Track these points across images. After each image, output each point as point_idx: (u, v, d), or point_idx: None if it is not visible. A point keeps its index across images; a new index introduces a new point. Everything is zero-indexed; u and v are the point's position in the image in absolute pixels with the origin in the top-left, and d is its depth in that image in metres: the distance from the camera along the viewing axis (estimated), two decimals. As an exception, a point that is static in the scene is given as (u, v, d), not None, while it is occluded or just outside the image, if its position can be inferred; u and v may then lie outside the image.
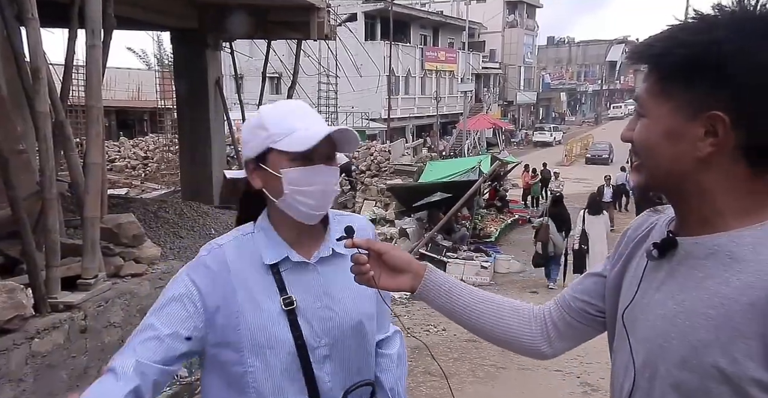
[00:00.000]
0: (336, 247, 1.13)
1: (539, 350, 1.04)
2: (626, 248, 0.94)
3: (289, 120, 1.07)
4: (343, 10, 20.16)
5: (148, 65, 27.35)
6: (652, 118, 0.78)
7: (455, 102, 32.19)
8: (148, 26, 8.88)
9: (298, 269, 1.10)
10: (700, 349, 0.72)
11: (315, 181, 1.06)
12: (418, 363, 4.24)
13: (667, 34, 0.78)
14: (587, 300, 1.00)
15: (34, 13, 3.12)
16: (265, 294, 1.07)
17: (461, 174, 12.11)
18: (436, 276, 1.05)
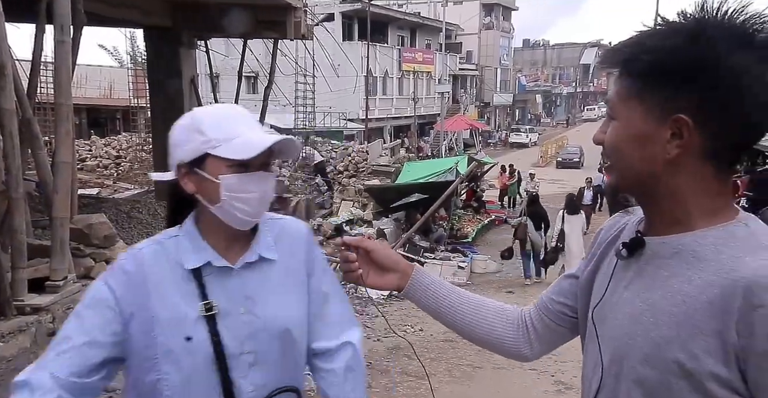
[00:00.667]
0: (264, 252, 1.10)
1: (521, 352, 1.05)
2: (598, 248, 0.96)
3: (229, 125, 1.04)
4: (321, 9, 20.11)
5: (121, 63, 26.79)
6: (623, 121, 0.81)
7: (432, 103, 32.34)
8: (121, 23, 8.71)
9: (221, 274, 1.07)
10: (662, 345, 0.75)
11: (253, 188, 1.04)
12: (395, 364, 4.25)
13: (635, 40, 0.80)
14: (564, 301, 1.01)
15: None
16: (183, 300, 1.04)
17: (438, 175, 12.16)
18: (423, 276, 1.07)
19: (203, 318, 1.03)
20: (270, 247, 1.12)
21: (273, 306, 1.09)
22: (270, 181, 1.08)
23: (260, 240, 1.11)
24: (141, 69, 16.89)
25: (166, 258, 1.06)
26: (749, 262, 0.72)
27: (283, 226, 1.17)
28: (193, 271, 1.06)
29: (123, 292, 1.03)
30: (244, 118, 1.08)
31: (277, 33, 7.96)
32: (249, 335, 1.06)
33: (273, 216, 1.18)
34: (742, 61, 0.73)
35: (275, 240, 1.13)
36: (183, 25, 7.71)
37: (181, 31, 7.75)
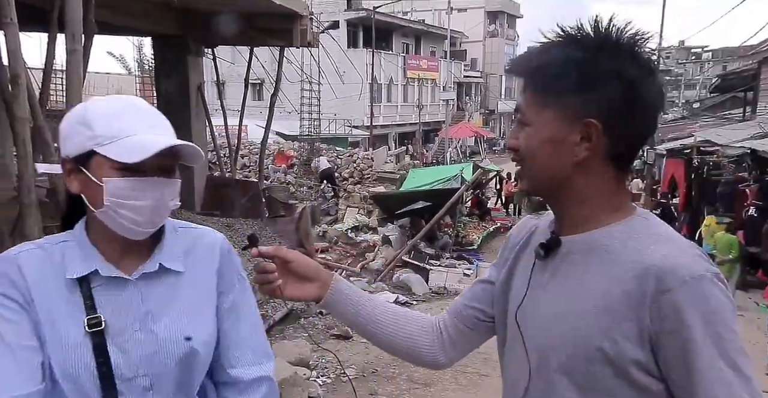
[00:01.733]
0: (167, 262, 0.99)
1: (437, 360, 1.07)
2: (511, 252, 1.00)
3: (121, 121, 0.92)
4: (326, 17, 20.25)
5: (128, 70, 27.04)
6: (534, 127, 0.85)
7: (437, 110, 32.42)
8: (130, 31, 8.79)
9: (113, 286, 0.95)
10: (587, 337, 0.80)
11: (143, 195, 0.92)
12: (401, 370, 4.24)
13: (541, 49, 0.86)
14: (477, 306, 1.03)
15: (13, 17, 3.07)
16: (66, 314, 0.92)
17: (443, 182, 12.17)
18: (342, 285, 1.04)
19: (89, 335, 0.91)
20: (176, 258, 1.00)
21: (175, 324, 0.97)
22: (168, 189, 0.94)
23: (164, 249, 1.00)
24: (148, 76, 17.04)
25: (51, 264, 0.94)
26: (655, 251, 0.78)
27: (196, 236, 1.05)
28: (80, 282, 0.94)
29: (17, 295, 0.92)
30: (141, 113, 0.95)
31: (283, 41, 8.01)
32: (146, 356, 0.94)
33: (187, 225, 1.07)
34: (636, 73, 0.81)
35: (186, 250, 1.02)
36: (190, 34, 7.78)
37: (188, 39, 7.82)
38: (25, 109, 3.29)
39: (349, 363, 4.24)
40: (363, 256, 9.83)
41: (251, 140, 15.33)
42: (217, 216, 7.50)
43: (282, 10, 6.95)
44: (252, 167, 15.46)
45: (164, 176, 0.94)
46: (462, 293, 1.09)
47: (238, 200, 8.33)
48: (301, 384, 3.43)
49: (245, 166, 15.85)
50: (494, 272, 1.02)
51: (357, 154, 17.21)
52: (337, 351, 4.57)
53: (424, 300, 7.68)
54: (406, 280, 8.35)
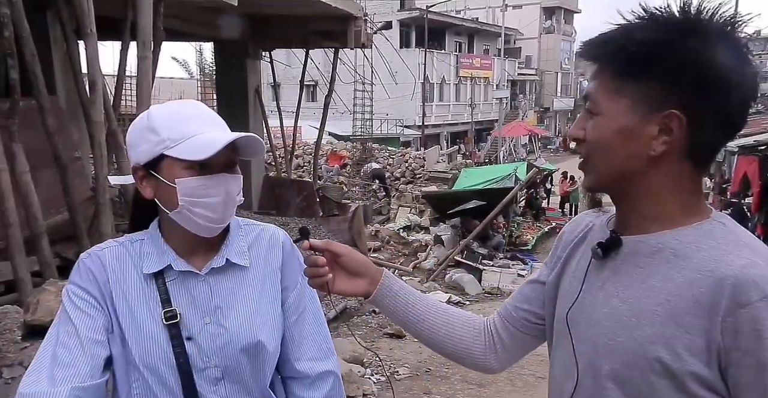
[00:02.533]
0: (233, 257, 1.03)
1: (489, 364, 1.02)
2: (563, 251, 0.94)
3: (184, 123, 0.96)
4: (379, 18, 20.36)
5: (190, 74, 28.16)
6: (606, 116, 0.78)
7: (490, 108, 31.95)
8: (193, 37, 9.18)
9: (185, 280, 1.00)
10: (646, 345, 0.74)
11: (214, 191, 0.95)
12: (454, 371, 4.22)
13: (621, 31, 0.78)
14: (527, 308, 0.98)
15: (92, 28, 3.29)
16: (144, 307, 0.98)
17: (496, 181, 12.01)
18: (392, 282, 1.01)
19: (165, 327, 0.96)
20: (242, 253, 1.04)
21: (243, 317, 1.01)
22: (234, 183, 0.98)
23: (230, 244, 1.04)
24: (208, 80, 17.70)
25: (131, 260, 1.00)
26: (734, 260, 0.71)
27: (260, 233, 1.09)
28: (155, 276, 0.99)
29: (96, 291, 0.98)
30: (202, 115, 0.99)
31: (337, 42, 8.15)
32: (216, 348, 0.99)
33: (250, 222, 1.11)
34: (730, 60, 0.73)
35: (249, 246, 1.06)
36: (249, 38, 8.03)
37: (247, 43, 8.08)
38: (101, 113, 3.52)
39: (402, 362, 4.26)
40: (415, 256, 9.84)
41: (305, 140, 15.64)
42: (273, 215, 7.71)
43: (337, 13, 7.07)
44: (306, 167, 15.77)
45: (229, 172, 0.97)
46: (512, 294, 1.04)
47: (293, 199, 8.53)
48: (356, 381, 3.49)
49: (299, 166, 16.19)
50: (545, 271, 0.97)
51: (409, 153, 17.23)
52: (390, 349, 4.60)
53: (477, 300, 7.60)
54: (458, 280, 8.30)
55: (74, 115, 4.10)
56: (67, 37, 3.55)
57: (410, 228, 11.70)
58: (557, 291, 0.91)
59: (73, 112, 4.10)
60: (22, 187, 3.08)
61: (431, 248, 10.04)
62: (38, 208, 3.14)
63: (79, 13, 3.29)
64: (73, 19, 3.44)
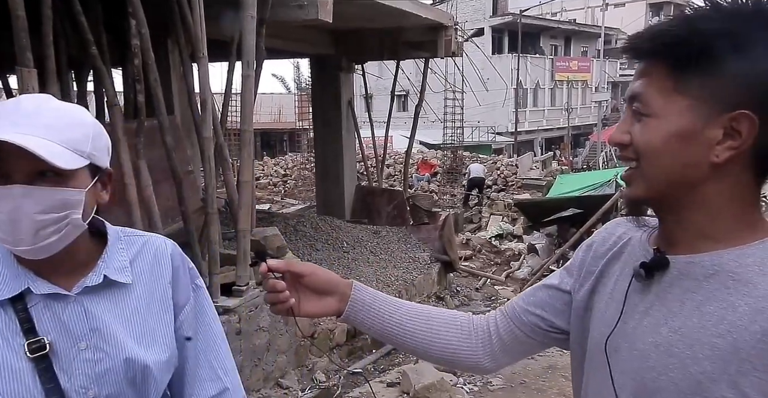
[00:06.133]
0: (112, 274, 0.90)
1: (480, 364, 0.95)
2: (595, 264, 0.84)
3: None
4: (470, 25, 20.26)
5: (288, 89, 29.69)
6: (660, 118, 0.68)
7: (588, 112, 30.53)
8: (291, 54, 9.70)
9: (51, 303, 0.86)
10: (705, 383, 0.65)
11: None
12: (551, 383, 4.07)
13: (680, 22, 0.69)
14: (539, 313, 0.91)
15: (204, 52, 3.60)
16: (3, 340, 0.83)
17: (595, 188, 11.44)
18: (363, 294, 0.93)
19: (31, 361, 0.83)
20: (122, 268, 0.92)
21: (126, 340, 0.89)
22: (29, 198, 0.79)
23: (108, 259, 0.91)
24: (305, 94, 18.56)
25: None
26: None
27: (144, 244, 0.96)
28: (11, 302, 0.84)
29: None
30: (15, 111, 0.81)
31: (428, 52, 8.22)
32: (95, 376, 0.87)
33: (132, 233, 0.98)
34: None
35: (132, 260, 0.94)
36: (343, 52, 8.34)
37: (340, 57, 8.39)
38: (210, 129, 3.83)
39: (494, 373, 4.18)
40: (508, 265, 9.61)
41: (396, 150, 15.86)
42: (364, 224, 7.90)
43: (428, 23, 7.15)
44: (397, 176, 15.98)
45: (26, 183, 0.80)
46: (521, 295, 0.95)
47: (384, 208, 8.68)
48: (449, 390, 3.48)
49: (390, 175, 16.44)
50: (567, 279, 0.88)
51: (501, 160, 16.90)
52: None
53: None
54: (554, 292, 7.99)
55: (188, 132, 4.49)
56: (183, 61, 3.91)
57: (502, 237, 11.45)
58: (588, 311, 0.83)
59: (187, 130, 4.48)
60: (145, 199, 3.42)
61: (525, 257, 9.75)
62: (158, 218, 3.48)
63: (193, 39, 3.62)
64: (189, 45, 3.78)
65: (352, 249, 6.66)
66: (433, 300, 6.41)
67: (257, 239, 4.86)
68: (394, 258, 6.60)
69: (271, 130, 24.42)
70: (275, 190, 17.29)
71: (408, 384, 3.54)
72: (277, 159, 20.21)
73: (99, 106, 5.16)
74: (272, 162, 19.51)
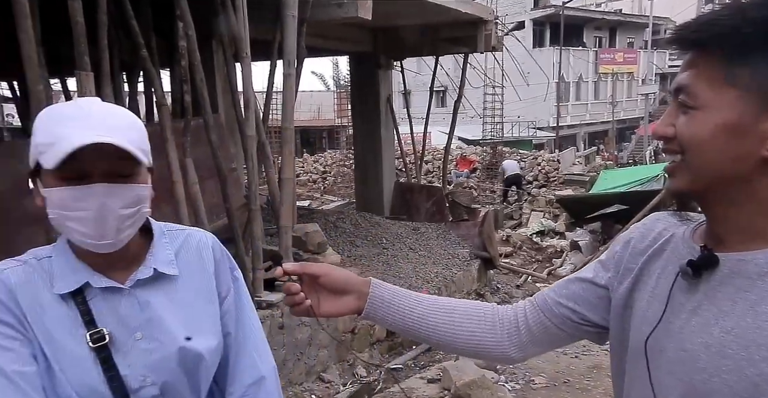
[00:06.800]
0: (161, 267, 0.94)
1: (506, 354, 0.94)
2: (634, 261, 0.81)
3: (59, 125, 0.84)
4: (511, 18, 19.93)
5: (327, 87, 29.97)
6: (709, 110, 0.66)
7: (635, 105, 29.61)
8: (330, 52, 9.79)
9: (109, 296, 0.91)
10: (762, 385, 0.62)
11: (84, 204, 0.84)
12: (597, 383, 3.98)
13: (730, 11, 0.66)
14: (572, 306, 0.89)
15: (247, 52, 3.68)
16: (66, 331, 0.87)
17: (642, 183, 11.09)
18: (381, 291, 0.93)
19: (93, 351, 0.87)
20: (169, 261, 0.96)
21: (177, 329, 0.94)
22: (114, 196, 0.86)
23: (156, 253, 0.96)
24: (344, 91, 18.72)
25: (40, 280, 0.89)
26: None
27: (186, 238, 1.01)
28: (72, 296, 0.89)
29: (10, 318, 0.86)
30: (82, 115, 0.86)
31: (467, 47, 8.14)
32: (151, 364, 0.91)
33: (174, 227, 1.03)
34: None
35: (177, 253, 0.98)
36: (382, 49, 8.36)
37: (379, 54, 8.41)
38: (253, 128, 3.91)
39: (537, 371, 4.12)
40: (550, 262, 9.45)
41: (434, 146, 15.79)
42: (403, 220, 7.91)
43: (467, 18, 7.08)
44: (435, 172, 15.92)
45: (110, 181, 0.85)
46: (552, 287, 0.94)
47: (423, 205, 8.66)
48: (490, 388, 3.46)
49: (429, 171, 16.38)
50: (602, 273, 0.87)
51: (542, 156, 16.60)
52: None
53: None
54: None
55: (231, 131, 4.60)
56: (227, 61, 4.00)
57: (544, 234, 11.25)
58: (628, 309, 0.81)
59: (231, 128, 4.59)
60: (192, 196, 3.53)
61: (567, 254, 9.56)
62: (204, 214, 3.58)
63: (236, 39, 3.70)
64: (232, 45, 3.87)
65: (391, 246, 6.68)
66: (473, 297, 6.36)
67: (298, 235, 4.95)
68: (434, 255, 6.58)
69: (310, 127, 24.72)
70: (315, 187, 17.51)
71: (449, 380, 3.54)
72: (317, 156, 20.45)
73: (148, 106, 5.35)
74: (312, 159, 19.75)
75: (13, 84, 7.47)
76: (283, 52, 4.07)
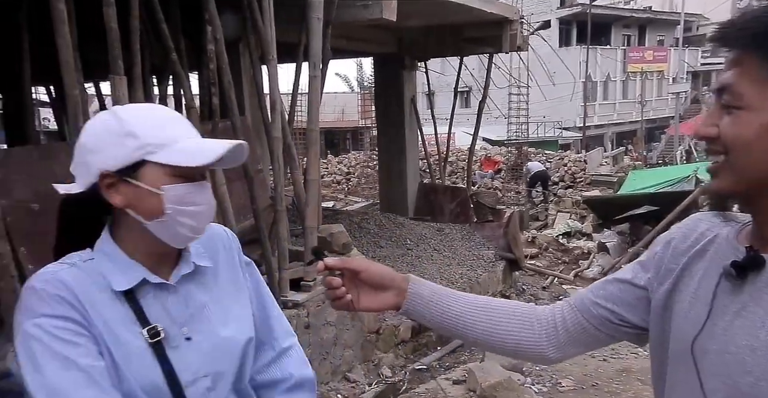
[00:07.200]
0: (198, 261, 0.99)
1: (544, 354, 0.94)
2: (675, 262, 0.80)
3: (164, 127, 0.91)
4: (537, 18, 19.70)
5: (351, 88, 30.07)
6: (753, 110, 0.66)
7: (665, 105, 28.96)
8: (355, 54, 9.83)
9: (157, 293, 0.94)
10: None
11: (200, 199, 0.92)
12: (626, 386, 3.91)
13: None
14: (610, 307, 0.88)
15: (274, 54, 3.72)
16: (124, 328, 0.89)
17: (672, 184, 10.84)
18: (421, 288, 0.95)
19: (150, 346, 0.90)
20: (202, 254, 1.00)
21: (221, 320, 0.98)
22: (210, 193, 0.96)
23: (191, 248, 0.99)
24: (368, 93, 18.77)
25: (90, 280, 0.90)
26: None
27: (209, 232, 1.03)
28: (125, 294, 0.91)
29: (76, 315, 0.87)
30: (179, 119, 0.95)
31: (492, 47, 8.08)
32: (201, 357, 0.94)
33: None
34: None
35: (204, 246, 1.02)
36: (406, 50, 8.36)
37: (404, 55, 8.41)
38: (279, 130, 3.96)
39: (565, 374, 4.06)
40: (576, 263, 9.31)
41: (458, 147, 15.72)
42: (427, 221, 7.88)
43: (492, 18, 7.03)
44: (459, 173, 15.83)
45: (206, 180, 0.95)
46: (589, 287, 0.94)
47: (447, 205, 8.63)
48: (516, 390, 3.43)
49: (453, 172, 16.31)
50: (641, 274, 0.86)
51: (568, 156, 16.36)
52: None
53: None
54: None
55: (257, 133, 4.66)
56: (253, 64, 4.06)
57: (570, 235, 11.08)
58: (668, 310, 0.80)
59: (257, 130, 4.65)
60: (220, 197, 3.58)
61: (594, 256, 9.40)
62: (232, 215, 3.64)
63: (263, 42, 3.75)
64: (258, 48, 3.92)
65: (415, 247, 6.67)
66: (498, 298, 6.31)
67: (323, 236, 4.97)
68: (458, 256, 6.55)
69: (334, 128, 24.85)
70: (339, 188, 17.58)
71: (474, 382, 3.52)
72: (341, 157, 20.54)
73: (177, 108, 5.45)
74: (336, 160, 19.84)
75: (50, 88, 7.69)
76: (309, 54, 4.11)
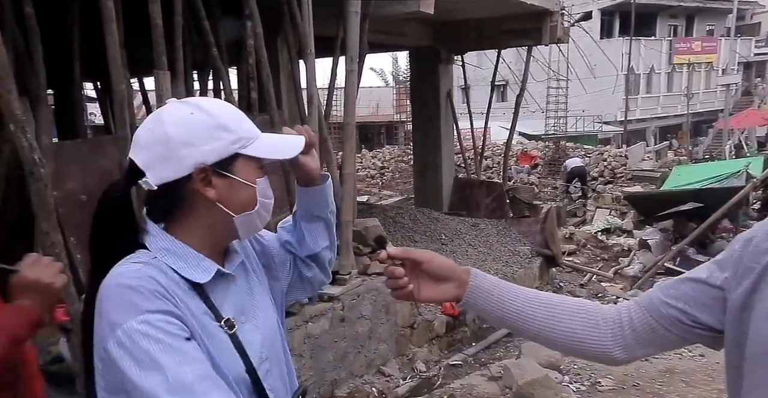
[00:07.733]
0: (241, 250, 1.03)
1: (609, 354, 0.92)
2: (756, 261, 0.77)
3: (247, 121, 0.93)
4: (578, 9, 19.19)
5: (386, 82, 30.02)
6: None
7: (713, 97, 27.83)
8: (391, 48, 9.79)
9: (220, 285, 0.95)
10: None
11: (270, 192, 0.95)
12: (670, 388, 3.78)
13: None
14: (682, 307, 0.86)
15: (311, 49, 3.74)
16: (205, 320, 0.91)
17: (720, 180, 10.40)
18: (482, 281, 0.95)
19: (229, 336, 0.92)
20: (239, 245, 1.04)
21: (263, 304, 1.03)
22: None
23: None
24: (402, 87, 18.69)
25: (165, 276, 0.89)
26: None
27: None
28: (195, 287, 0.91)
29: (176, 310, 0.87)
30: (244, 116, 0.96)
31: (531, 40, 7.91)
32: (261, 342, 0.98)
33: None
34: None
35: None
36: (442, 44, 8.27)
37: (440, 49, 8.33)
38: (316, 124, 3.98)
39: (604, 373, 3.96)
40: (616, 261, 9.07)
41: (494, 141, 15.51)
42: (463, 216, 7.81)
43: (533, 10, 6.88)
44: (495, 168, 15.64)
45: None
46: (660, 287, 0.91)
47: (483, 200, 8.53)
48: (554, 388, 3.36)
49: (489, 167, 16.11)
50: (718, 273, 0.84)
51: (608, 151, 15.93)
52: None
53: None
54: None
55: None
56: (291, 58, 4.09)
57: (610, 231, 10.82)
58: (746, 310, 0.77)
59: (294, 124, 4.69)
60: (257, 189, 3.63)
61: (635, 253, 9.14)
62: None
63: (301, 37, 3.77)
64: (296, 42, 3.94)
65: (450, 242, 6.62)
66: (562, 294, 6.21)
67: (358, 229, 4.99)
68: (494, 252, 6.47)
69: (369, 123, 24.88)
70: (373, 182, 17.62)
71: (510, 379, 3.47)
72: (375, 151, 20.57)
73: (216, 103, 5.54)
74: (370, 154, 19.89)
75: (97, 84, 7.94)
76: (346, 48, 4.11)
